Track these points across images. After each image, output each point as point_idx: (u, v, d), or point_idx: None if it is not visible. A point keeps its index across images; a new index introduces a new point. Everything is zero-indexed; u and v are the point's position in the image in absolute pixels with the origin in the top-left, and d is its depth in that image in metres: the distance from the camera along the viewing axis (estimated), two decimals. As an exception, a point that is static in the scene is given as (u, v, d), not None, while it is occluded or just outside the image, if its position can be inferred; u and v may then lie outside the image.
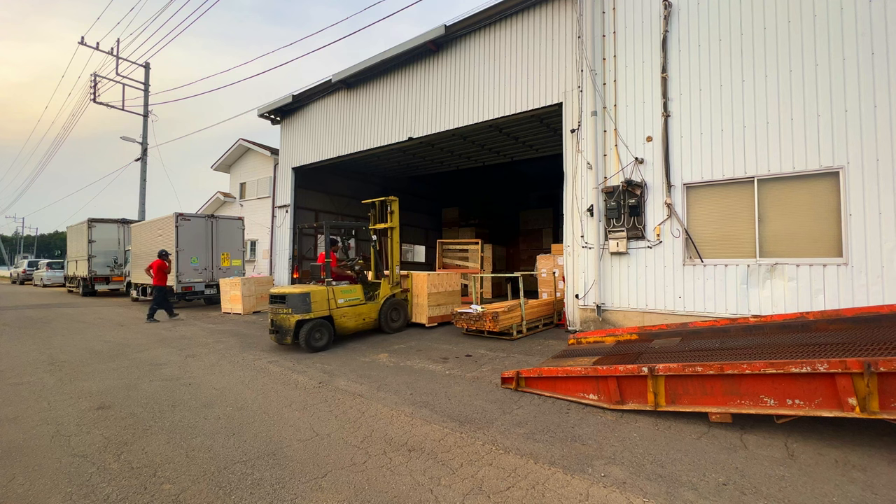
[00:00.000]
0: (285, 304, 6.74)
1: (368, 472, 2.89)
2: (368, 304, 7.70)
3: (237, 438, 3.43)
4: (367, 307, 7.66)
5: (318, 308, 6.94)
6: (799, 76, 5.91)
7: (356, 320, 7.48)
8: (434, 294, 8.49)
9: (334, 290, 7.22)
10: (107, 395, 4.57)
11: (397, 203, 8.36)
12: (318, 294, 6.99)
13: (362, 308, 7.60)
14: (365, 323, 7.63)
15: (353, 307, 7.49)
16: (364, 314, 7.61)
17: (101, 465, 2.98)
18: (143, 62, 21.41)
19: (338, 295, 7.27)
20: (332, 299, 7.17)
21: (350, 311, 7.43)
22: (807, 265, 5.80)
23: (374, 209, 8.61)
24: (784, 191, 6.05)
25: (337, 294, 7.26)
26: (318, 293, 6.99)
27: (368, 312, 7.68)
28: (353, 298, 7.52)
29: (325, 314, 7.02)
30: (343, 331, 7.35)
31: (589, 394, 4.22)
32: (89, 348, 7.10)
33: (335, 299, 7.21)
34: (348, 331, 7.44)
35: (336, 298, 7.23)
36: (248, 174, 20.69)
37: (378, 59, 11.20)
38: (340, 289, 7.38)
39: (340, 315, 7.26)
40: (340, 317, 7.26)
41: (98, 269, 17.32)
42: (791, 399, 3.24)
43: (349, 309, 7.42)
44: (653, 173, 7.07)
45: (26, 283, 28.69)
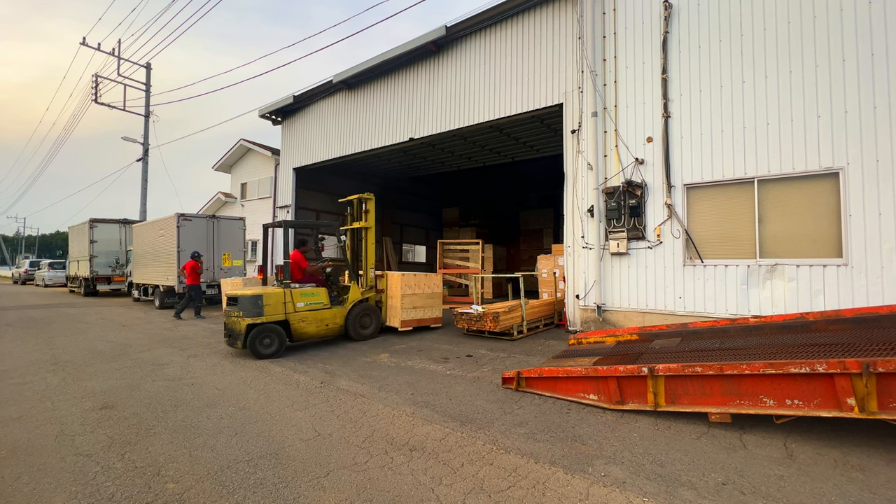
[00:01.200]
0: (237, 306, 6.36)
1: (370, 472, 2.91)
2: (334, 310, 7.10)
3: (240, 438, 3.46)
4: (331, 312, 7.07)
5: (272, 312, 6.47)
6: (799, 77, 5.93)
7: (318, 326, 6.91)
8: (409, 296, 7.87)
9: (293, 293, 6.71)
10: (110, 395, 4.60)
11: (373, 202, 7.92)
12: (273, 297, 6.52)
13: (325, 313, 7.01)
14: (329, 329, 7.06)
15: (315, 311, 6.91)
16: (328, 319, 7.03)
17: (105, 465, 3.01)
18: (145, 63, 21.45)
19: (297, 298, 6.75)
20: (290, 302, 6.66)
21: (311, 315, 6.85)
22: (807, 266, 5.81)
23: (352, 207, 8.15)
24: (784, 191, 6.07)
25: (296, 297, 6.75)
26: (272, 296, 6.52)
27: (333, 318, 7.09)
28: (316, 303, 6.96)
29: (280, 318, 6.54)
30: (302, 337, 6.82)
31: (589, 394, 4.24)
32: (92, 348, 7.13)
33: (293, 302, 6.69)
34: (308, 337, 6.90)
35: (294, 302, 6.71)
36: (249, 174, 20.73)
37: (379, 60, 11.23)
38: (301, 291, 6.84)
39: (299, 320, 6.71)
40: (299, 322, 6.71)
41: (100, 269, 17.37)
42: (790, 399, 3.26)
43: (310, 313, 6.85)
44: (653, 174, 7.09)
45: (28, 283, 28.77)
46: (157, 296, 13.43)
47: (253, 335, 6.27)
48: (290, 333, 6.67)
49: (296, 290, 6.82)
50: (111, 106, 20.98)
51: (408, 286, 7.84)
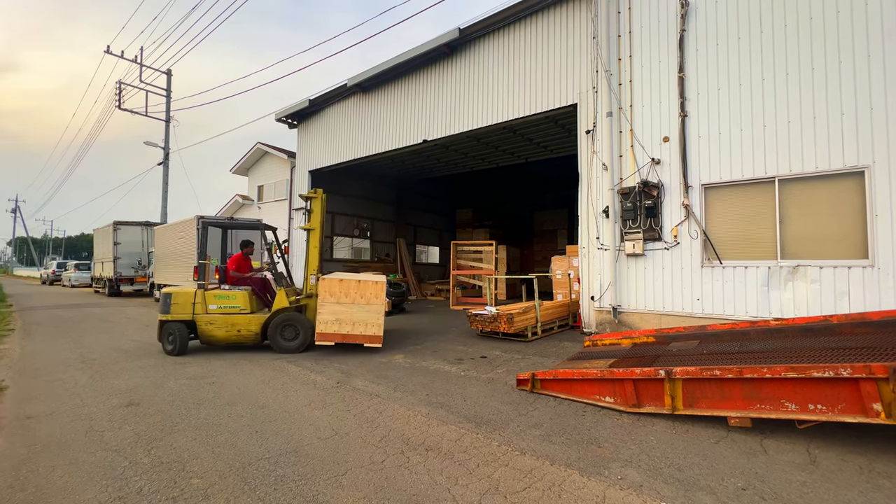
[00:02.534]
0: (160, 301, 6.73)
1: (387, 471, 2.96)
2: (249, 316, 6.69)
3: (260, 436, 3.54)
4: (245, 318, 6.66)
5: (179, 310, 6.55)
6: (822, 74, 5.78)
7: (227, 330, 6.65)
8: (330, 304, 6.57)
9: (205, 295, 6.62)
10: (135, 392, 4.75)
11: (319, 201, 7.06)
12: (182, 296, 6.61)
13: (239, 318, 6.65)
14: (241, 335, 6.68)
15: (227, 315, 6.66)
16: (240, 325, 6.65)
17: (132, 460, 3.12)
18: (166, 69, 22.03)
19: (210, 300, 6.62)
20: (200, 303, 6.58)
21: (220, 319, 6.62)
22: (830, 267, 5.66)
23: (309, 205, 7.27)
24: (806, 191, 5.93)
25: (209, 298, 6.62)
26: (181, 295, 6.62)
27: (247, 324, 6.66)
28: (231, 306, 6.70)
29: (187, 318, 6.56)
30: (210, 340, 6.68)
31: (605, 396, 4.22)
32: (117, 347, 7.36)
33: (204, 303, 6.60)
34: (217, 340, 6.69)
35: (206, 303, 6.60)
36: (265, 177, 21.10)
37: (393, 63, 11.33)
38: (216, 293, 6.68)
39: (206, 322, 6.58)
40: (206, 323, 6.58)
41: (123, 270, 17.89)
42: (813, 404, 3.19)
43: (220, 317, 6.63)
44: (670, 174, 7.00)
45: (55, 283, 29.78)
46: (177, 296, 13.75)
47: (162, 331, 6.68)
48: (194, 333, 6.70)
49: (210, 291, 6.73)
50: (134, 112, 21.60)
51: (330, 294, 6.54)
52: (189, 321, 6.65)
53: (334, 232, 16.63)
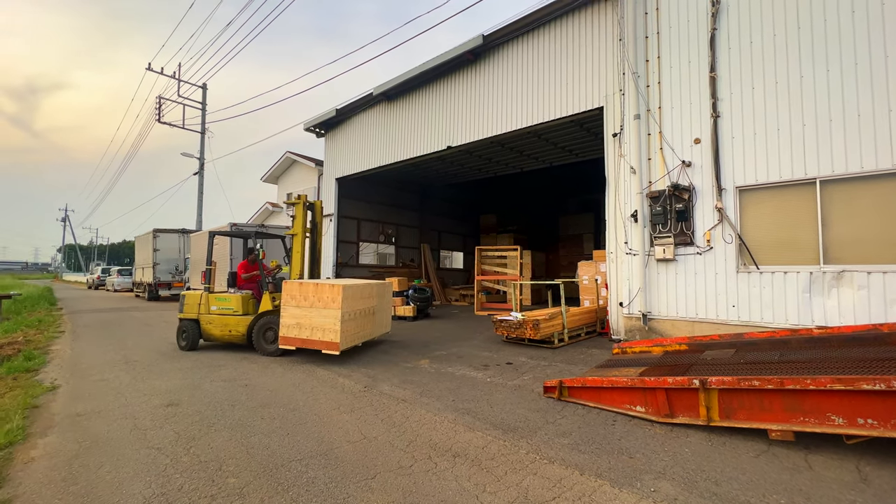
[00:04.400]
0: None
1: (415, 476, 2.98)
2: (239, 317, 7.20)
3: (291, 438, 3.64)
4: (235, 319, 7.21)
5: (189, 310, 7.41)
6: (866, 69, 5.50)
7: (221, 330, 7.27)
8: (291, 308, 6.49)
9: (209, 297, 7.33)
10: (174, 393, 4.97)
11: (301, 206, 7.49)
12: (191, 297, 7.45)
13: (230, 319, 7.23)
14: (232, 335, 7.22)
15: (222, 316, 7.27)
16: (231, 326, 7.21)
17: (174, 458, 3.27)
18: (201, 83, 23.09)
19: (212, 301, 7.32)
20: (204, 304, 7.32)
21: (217, 319, 7.28)
22: (879, 272, 5.34)
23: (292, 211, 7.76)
24: (851, 192, 5.62)
25: (211, 300, 7.32)
26: (191, 296, 7.45)
27: (236, 325, 7.18)
28: (226, 308, 7.28)
29: (194, 317, 7.37)
30: (210, 338, 7.38)
31: (636, 405, 4.11)
32: (156, 349, 7.72)
33: (207, 304, 7.32)
34: (215, 339, 7.35)
35: (209, 304, 7.31)
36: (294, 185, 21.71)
37: (417, 72, 11.49)
38: (217, 296, 7.37)
39: (207, 321, 7.32)
40: (206, 323, 7.32)
41: (161, 275, 18.75)
42: (863, 418, 3.01)
43: (217, 317, 7.29)
44: (701, 176, 6.79)
45: (100, 287, 31.49)
46: (211, 301, 14.30)
47: (178, 327, 7.49)
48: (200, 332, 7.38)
49: (214, 293, 7.41)
50: (172, 125, 22.72)
51: (291, 297, 6.52)
52: (195, 320, 7.42)
53: (360, 238, 16.90)
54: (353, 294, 6.56)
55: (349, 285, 6.51)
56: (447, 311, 13.90)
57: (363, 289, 6.99)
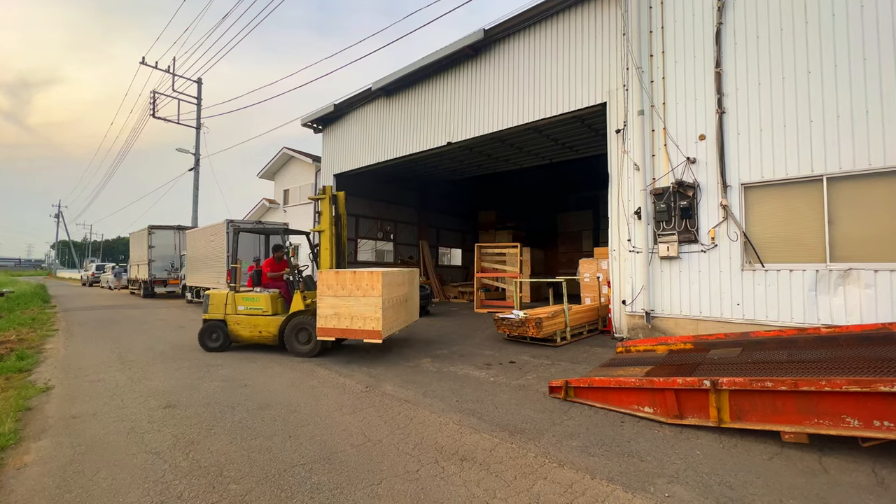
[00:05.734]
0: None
1: (423, 482, 2.90)
2: (268, 318, 6.96)
3: (293, 441, 3.54)
4: (265, 320, 6.96)
5: (214, 311, 7.14)
6: (874, 65, 5.43)
7: (251, 331, 7.01)
8: (329, 298, 6.24)
9: (235, 296, 7.08)
10: (172, 394, 4.86)
11: (327, 201, 7.03)
12: (217, 297, 7.18)
13: (259, 319, 6.98)
14: (262, 336, 6.98)
15: (250, 317, 7.02)
16: (261, 327, 6.96)
17: (172, 463, 3.17)
18: (196, 78, 22.79)
19: (239, 301, 7.07)
20: (230, 304, 7.05)
21: (245, 319, 7.03)
22: (887, 271, 5.30)
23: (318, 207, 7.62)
24: (858, 190, 5.57)
25: (238, 300, 7.07)
26: (216, 296, 7.19)
27: (266, 326, 6.94)
28: (255, 308, 7.04)
29: (220, 317, 7.11)
30: (238, 339, 7.10)
31: (644, 406, 4.04)
32: (153, 348, 7.59)
33: (234, 304, 7.06)
34: (243, 340, 7.09)
35: (236, 304, 7.06)
36: (291, 181, 21.52)
37: (416, 66, 11.35)
38: (243, 295, 7.12)
39: (234, 322, 7.05)
40: (234, 323, 7.05)
41: (157, 272, 18.55)
42: (879, 420, 2.96)
43: (245, 318, 7.03)
44: (706, 173, 6.72)
45: (94, 284, 31.19)
46: (208, 298, 14.16)
47: (203, 329, 7.17)
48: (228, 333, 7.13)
49: (241, 293, 7.18)
50: (167, 119, 22.43)
51: (327, 286, 6.29)
52: (222, 320, 7.13)
53: (358, 235, 16.78)
54: (390, 281, 6.41)
55: (387, 272, 6.31)
56: (446, 308, 13.82)
57: (397, 276, 6.80)
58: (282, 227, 7.56)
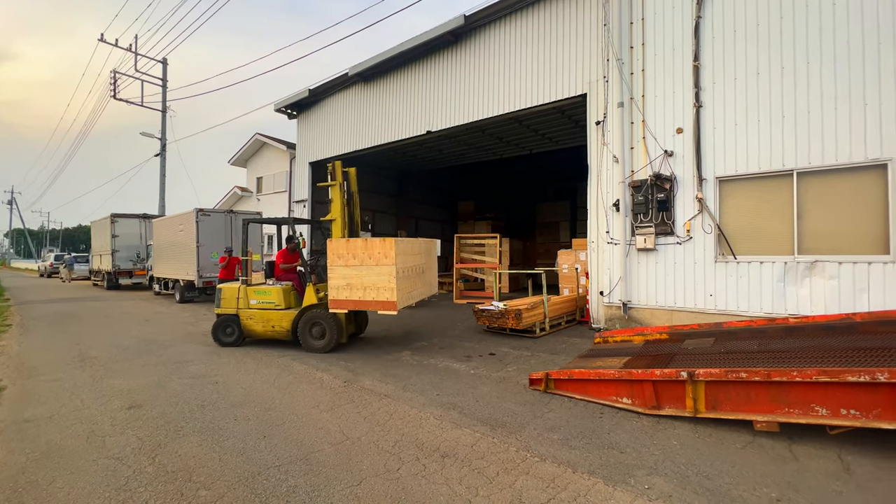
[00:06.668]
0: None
1: (403, 481, 2.83)
2: (281, 312, 6.66)
3: (268, 441, 3.41)
4: (278, 314, 6.67)
5: (226, 305, 6.93)
6: (844, 62, 5.57)
7: (263, 326, 6.75)
8: (339, 268, 5.97)
9: (247, 290, 6.84)
10: (137, 393, 4.61)
11: (338, 189, 6.58)
12: (229, 291, 6.96)
13: (272, 314, 6.69)
14: (276, 331, 6.71)
15: (263, 311, 6.76)
16: (273, 321, 6.68)
17: (136, 468, 2.99)
18: (161, 58, 21.60)
19: (251, 295, 6.82)
20: (242, 298, 6.82)
21: (258, 314, 6.77)
22: (850, 263, 5.52)
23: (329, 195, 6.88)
24: (826, 184, 5.76)
25: (250, 294, 6.82)
26: (228, 290, 6.98)
27: (279, 321, 6.65)
28: (267, 302, 6.78)
29: (233, 312, 6.88)
30: (251, 334, 6.88)
31: (622, 397, 4.09)
32: (117, 344, 7.22)
33: (246, 298, 6.81)
34: (257, 335, 6.86)
35: (248, 298, 6.81)
36: (264, 169, 20.81)
37: (395, 52, 11.03)
38: (255, 289, 6.87)
39: (247, 316, 6.82)
40: (247, 318, 6.82)
41: (121, 263, 17.69)
42: (846, 409, 3.06)
43: (257, 312, 6.77)
44: (683, 166, 6.81)
45: (53, 276, 29.55)
46: (177, 290, 13.62)
47: (216, 324, 7.00)
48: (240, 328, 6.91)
49: (252, 287, 6.94)
50: (129, 102, 21.22)
51: (338, 256, 5.98)
52: (235, 315, 6.90)
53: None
54: (404, 249, 6.08)
55: (401, 239, 6.08)
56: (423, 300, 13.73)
57: (412, 244, 6.56)
58: (291, 218, 7.18)
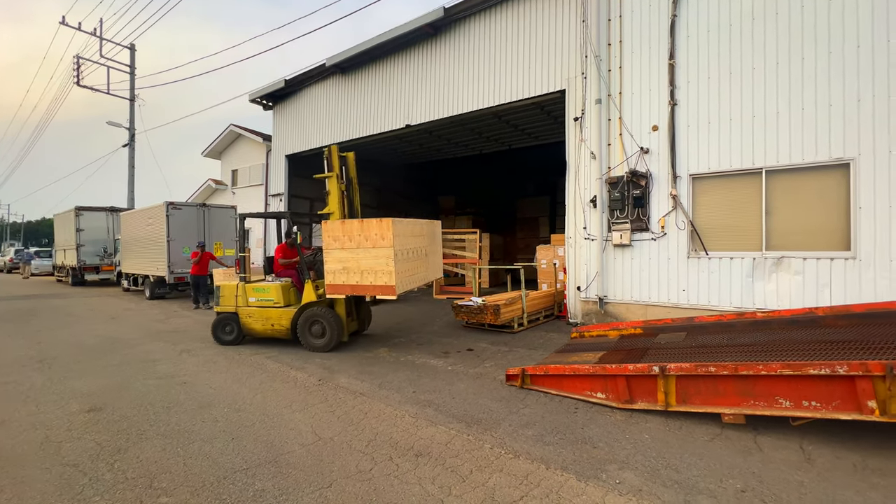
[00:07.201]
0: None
1: (375, 481, 2.78)
2: (280, 310, 6.48)
3: (236, 443, 3.30)
4: (277, 312, 6.47)
5: (225, 303, 6.77)
6: (811, 64, 5.74)
7: (263, 324, 6.56)
8: (335, 251, 5.78)
9: (246, 288, 6.66)
10: (98, 395, 4.40)
11: (334, 180, 6.42)
12: (228, 289, 6.80)
13: (271, 312, 6.49)
14: (275, 330, 6.50)
15: (261, 309, 6.56)
16: (273, 320, 6.48)
17: (93, 476, 2.84)
18: (129, 44, 20.65)
19: (249, 292, 6.64)
20: (241, 296, 6.64)
21: (256, 312, 6.57)
22: (814, 259, 5.72)
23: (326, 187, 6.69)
24: (792, 182, 5.94)
25: (248, 291, 6.64)
26: (227, 288, 6.81)
27: (278, 319, 6.44)
28: (265, 299, 6.58)
29: (232, 310, 6.71)
30: (250, 332, 6.68)
31: (597, 392, 4.13)
32: (79, 343, 6.90)
33: (245, 296, 6.64)
34: (256, 333, 6.67)
35: (247, 296, 6.63)
36: (239, 161, 20.23)
37: (374, 43, 10.82)
38: (254, 286, 6.68)
39: (246, 315, 6.63)
40: (246, 316, 6.63)
41: (87, 258, 16.95)
42: (808, 401, 3.16)
43: (256, 310, 6.58)
44: (658, 163, 6.92)
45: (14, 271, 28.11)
46: (147, 286, 13.13)
47: (215, 322, 6.82)
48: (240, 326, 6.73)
49: (251, 284, 6.75)
50: (94, 89, 20.24)
51: (334, 238, 5.76)
52: (234, 313, 6.72)
53: (313, 220, 16.11)
54: (403, 230, 5.86)
55: (400, 220, 5.82)
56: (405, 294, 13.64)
57: (413, 226, 6.32)
58: (289, 212, 6.92)
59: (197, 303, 11.00)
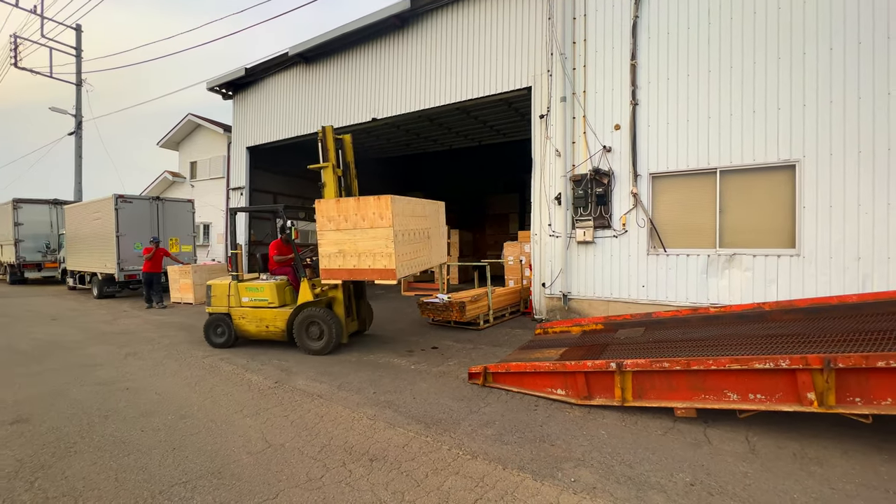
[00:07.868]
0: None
1: (325, 490, 2.66)
2: (275, 311, 6.15)
3: (177, 454, 3.09)
4: (271, 313, 6.15)
5: (217, 303, 6.44)
6: (762, 68, 5.97)
7: (257, 325, 6.23)
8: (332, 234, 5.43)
9: (238, 287, 6.31)
10: (26, 405, 4.04)
11: (330, 170, 6.11)
12: (219, 288, 6.46)
13: (266, 313, 6.17)
14: (270, 332, 6.18)
15: (255, 309, 6.24)
16: (267, 321, 6.17)
17: (8, 497, 2.58)
18: (74, 24, 19.22)
19: (242, 292, 6.29)
20: (234, 296, 6.31)
21: (250, 313, 6.24)
22: (762, 256, 5.99)
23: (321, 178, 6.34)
24: (744, 182, 6.18)
25: (241, 291, 6.30)
26: (218, 287, 6.47)
27: (273, 320, 6.14)
28: (259, 299, 6.25)
29: (224, 311, 6.38)
30: (244, 334, 6.33)
31: (557, 389, 4.15)
32: (12, 347, 6.36)
33: (237, 296, 6.30)
34: (250, 335, 6.32)
35: (240, 295, 6.29)
36: (199, 153, 19.29)
37: (339, 33, 10.49)
38: (247, 286, 6.34)
39: (239, 315, 6.29)
40: (239, 317, 6.30)
41: (28, 254, 15.74)
42: (753, 394, 3.28)
43: (250, 310, 6.25)
44: (620, 162, 7.05)
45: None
46: (95, 284, 12.32)
47: (207, 323, 6.48)
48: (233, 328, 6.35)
49: (243, 283, 6.38)
50: (35, 72, 18.74)
51: (329, 219, 5.42)
52: (226, 314, 6.38)
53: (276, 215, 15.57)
54: (403, 209, 5.54)
55: (399, 198, 5.48)
56: (372, 291, 13.43)
57: (414, 205, 5.97)
58: (281, 206, 6.49)
59: (150, 302, 10.41)
